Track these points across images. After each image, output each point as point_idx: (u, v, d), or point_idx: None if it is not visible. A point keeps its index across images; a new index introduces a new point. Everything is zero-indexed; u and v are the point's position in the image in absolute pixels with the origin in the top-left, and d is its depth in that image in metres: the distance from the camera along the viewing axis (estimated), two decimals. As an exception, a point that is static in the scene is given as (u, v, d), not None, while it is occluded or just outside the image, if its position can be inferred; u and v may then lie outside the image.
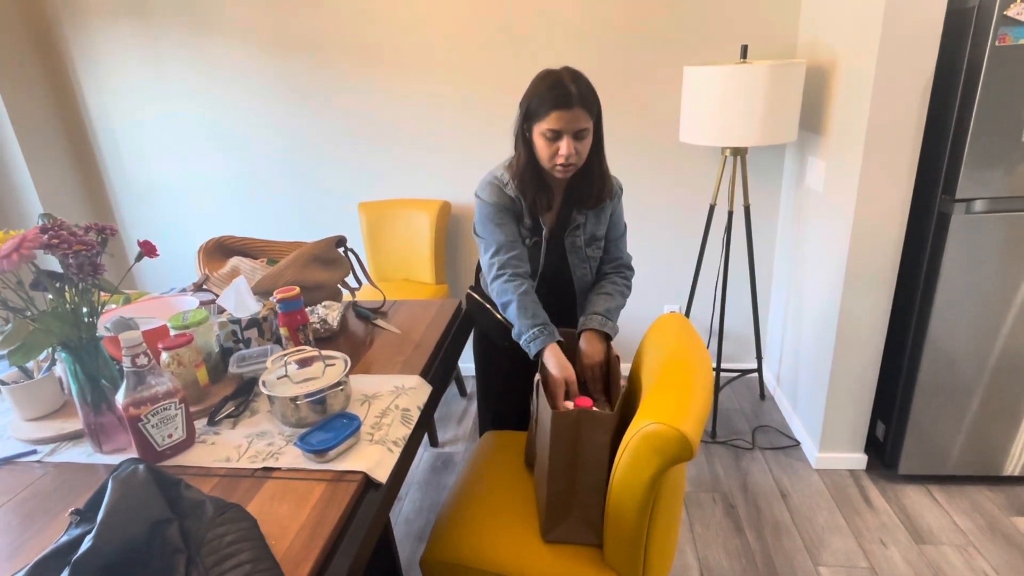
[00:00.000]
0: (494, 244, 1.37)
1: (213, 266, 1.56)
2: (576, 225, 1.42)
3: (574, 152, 1.26)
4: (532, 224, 1.41)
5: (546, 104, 1.24)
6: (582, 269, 1.47)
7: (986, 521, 1.81)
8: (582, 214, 1.41)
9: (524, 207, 1.38)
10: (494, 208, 1.37)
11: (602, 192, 1.39)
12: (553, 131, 1.25)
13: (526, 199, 1.37)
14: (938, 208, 1.72)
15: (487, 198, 1.37)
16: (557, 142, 1.27)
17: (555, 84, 1.25)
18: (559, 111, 1.23)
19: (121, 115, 2.59)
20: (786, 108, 1.88)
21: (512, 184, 1.37)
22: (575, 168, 1.31)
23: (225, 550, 0.76)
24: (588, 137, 1.29)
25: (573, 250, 1.44)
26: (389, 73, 2.39)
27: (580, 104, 1.24)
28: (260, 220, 2.71)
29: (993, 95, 1.54)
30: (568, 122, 1.24)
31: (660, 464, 0.93)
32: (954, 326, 1.77)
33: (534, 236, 1.42)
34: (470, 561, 1.15)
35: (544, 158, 1.31)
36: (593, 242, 1.45)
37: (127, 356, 0.96)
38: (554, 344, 1.30)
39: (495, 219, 1.37)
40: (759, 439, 2.27)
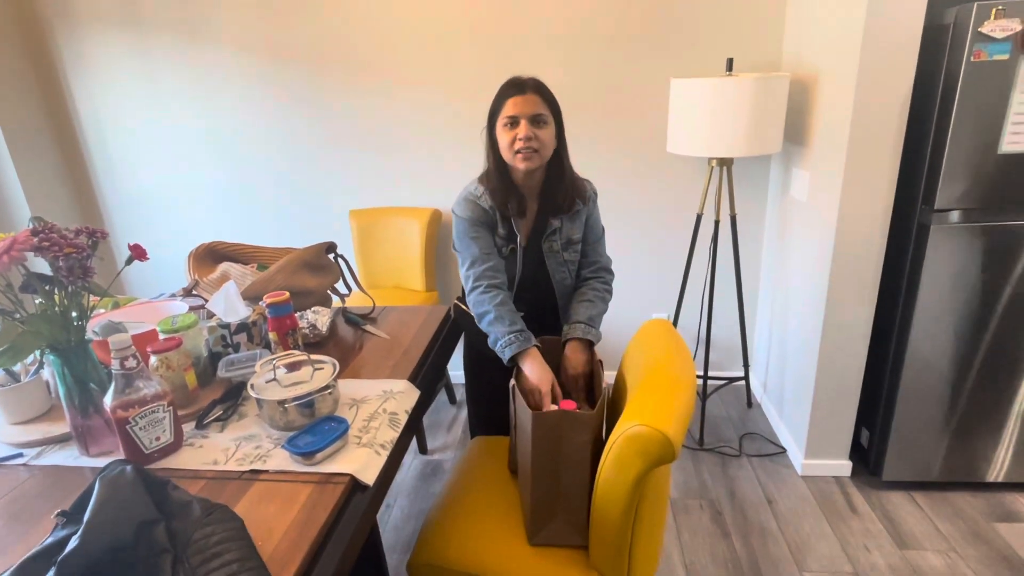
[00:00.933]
0: (469, 257, 1.40)
1: (203, 271, 1.56)
2: (552, 230, 1.44)
3: (533, 136, 1.30)
4: (506, 232, 1.43)
5: (502, 96, 1.33)
6: (561, 273, 1.49)
7: (968, 527, 1.83)
8: (557, 219, 1.44)
9: (498, 216, 1.41)
10: (468, 222, 1.40)
11: (574, 195, 1.43)
12: (510, 117, 1.31)
13: (497, 205, 1.40)
14: (918, 219, 1.76)
15: (461, 213, 1.41)
16: (515, 129, 1.31)
17: (510, 80, 1.34)
18: (513, 97, 1.30)
19: (112, 121, 2.60)
20: (771, 120, 1.92)
21: (485, 194, 1.41)
22: (538, 157, 1.33)
23: (212, 550, 0.77)
24: (548, 126, 1.33)
25: (550, 255, 1.46)
26: (380, 81, 2.42)
27: (533, 91, 1.31)
28: (251, 227, 2.72)
29: (969, 109, 1.58)
30: (523, 106, 1.30)
31: (644, 465, 0.95)
32: (935, 334, 1.81)
33: (510, 244, 1.44)
34: (456, 564, 1.16)
35: (505, 149, 1.34)
36: (569, 246, 1.47)
37: (116, 358, 0.96)
38: (533, 349, 1.31)
39: (469, 233, 1.40)
40: (746, 446, 2.29)
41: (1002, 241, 1.70)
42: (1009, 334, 1.78)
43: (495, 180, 1.39)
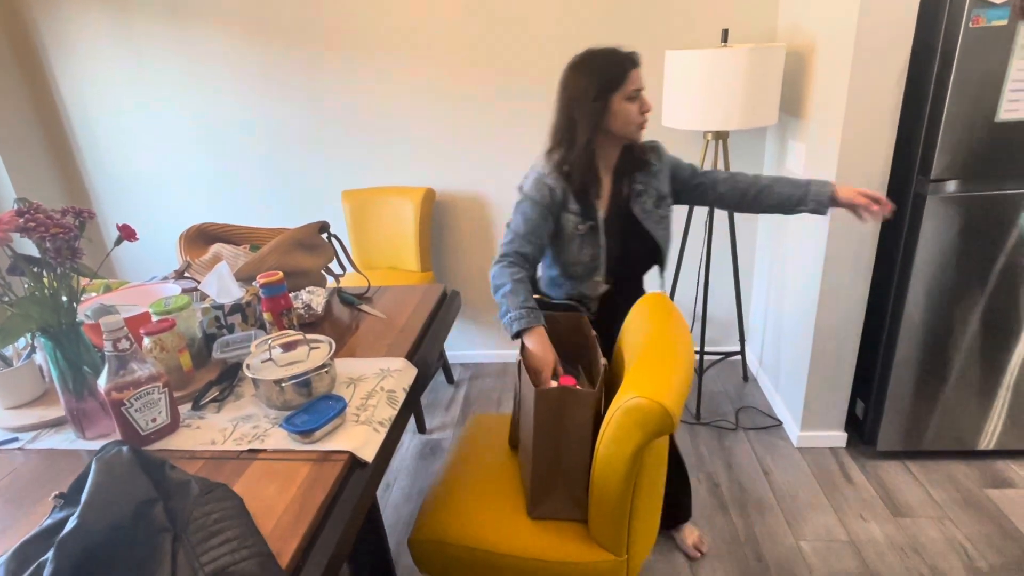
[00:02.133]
0: (512, 233, 1.38)
1: (194, 253, 1.55)
2: (638, 192, 1.43)
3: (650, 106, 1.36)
4: (581, 208, 1.38)
5: (627, 65, 1.32)
6: (661, 230, 1.47)
7: (961, 494, 1.86)
8: (639, 182, 1.43)
9: (570, 194, 1.37)
10: (531, 203, 1.36)
11: (643, 150, 1.44)
12: (636, 90, 1.32)
13: (577, 182, 1.36)
14: (914, 189, 1.75)
15: (531, 193, 1.37)
16: (638, 101, 1.34)
17: (614, 51, 1.33)
18: (636, 70, 1.32)
19: (98, 104, 2.55)
20: (766, 91, 1.89)
21: (555, 173, 1.36)
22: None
23: (211, 527, 0.77)
24: None
25: (645, 216, 1.44)
26: (371, 60, 2.38)
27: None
28: (242, 209, 2.69)
29: (967, 76, 1.56)
30: (640, 78, 1.34)
31: (642, 437, 0.95)
32: (930, 305, 1.81)
33: (587, 220, 1.39)
34: (457, 539, 1.17)
35: (628, 122, 1.34)
36: (661, 201, 1.46)
37: (108, 340, 0.95)
38: (539, 328, 1.29)
39: (528, 213, 1.37)
40: (742, 419, 2.31)
41: (997, 211, 1.69)
42: (1003, 303, 1.79)
43: (584, 159, 1.35)
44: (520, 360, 1.24)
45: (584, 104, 1.32)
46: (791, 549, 1.70)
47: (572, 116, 1.34)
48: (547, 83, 2.34)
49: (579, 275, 1.45)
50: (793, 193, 1.45)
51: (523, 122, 2.42)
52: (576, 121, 1.34)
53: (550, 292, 1.53)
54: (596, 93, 1.31)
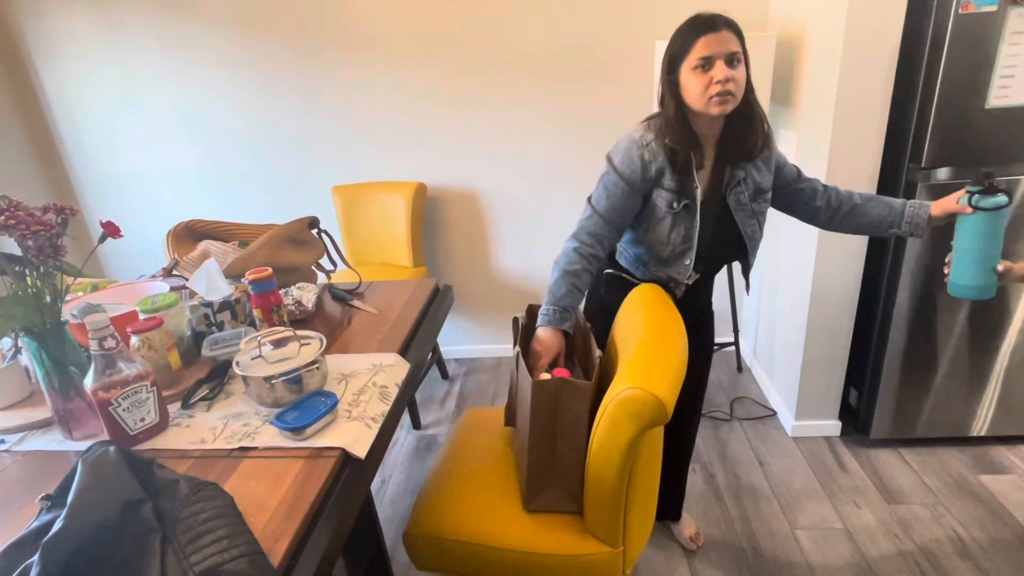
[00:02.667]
0: (590, 209, 1.29)
1: (183, 250, 1.53)
2: (736, 181, 1.28)
3: (730, 77, 1.14)
4: (678, 186, 1.25)
5: (690, 35, 1.17)
6: (751, 227, 1.34)
7: (954, 480, 1.87)
8: (741, 168, 1.28)
9: (668, 168, 1.24)
10: (618, 177, 1.26)
11: (765, 140, 1.27)
12: (703, 58, 1.15)
13: (679, 156, 1.23)
14: (905, 177, 1.75)
15: (618, 164, 1.26)
16: (709, 71, 1.16)
17: (694, 18, 1.19)
18: (706, 36, 1.15)
19: (82, 101, 2.51)
20: (758, 81, 1.87)
21: (654, 144, 1.24)
22: (734, 100, 1.17)
23: (201, 527, 0.76)
24: (742, 66, 1.18)
25: (738, 207, 1.30)
26: (360, 55, 2.35)
27: (727, 26, 1.16)
28: (232, 206, 2.66)
29: (957, 63, 1.56)
30: (717, 45, 1.15)
31: (636, 429, 0.94)
32: (922, 294, 1.82)
33: (683, 199, 1.26)
34: (452, 533, 1.16)
35: (698, 95, 1.18)
36: (759, 195, 1.32)
37: (94, 339, 0.94)
38: (558, 330, 1.25)
39: (608, 187, 1.27)
40: (737, 410, 2.31)
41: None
42: (995, 290, 1.79)
43: (677, 126, 1.22)
44: (518, 352, 1.23)
45: (663, 76, 1.23)
46: (786, 537, 1.71)
47: (660, 87, 1.25)
48: (537, 76, 2.33)
49: (667, 257, 1.32)
50: (886, 216, 1.33)
51: (514, 114, 2.41)
52: (663, 93, 1.25)
53: (636, 271, 1.40)
54: (668, 66, 1.22)
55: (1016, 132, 1.62)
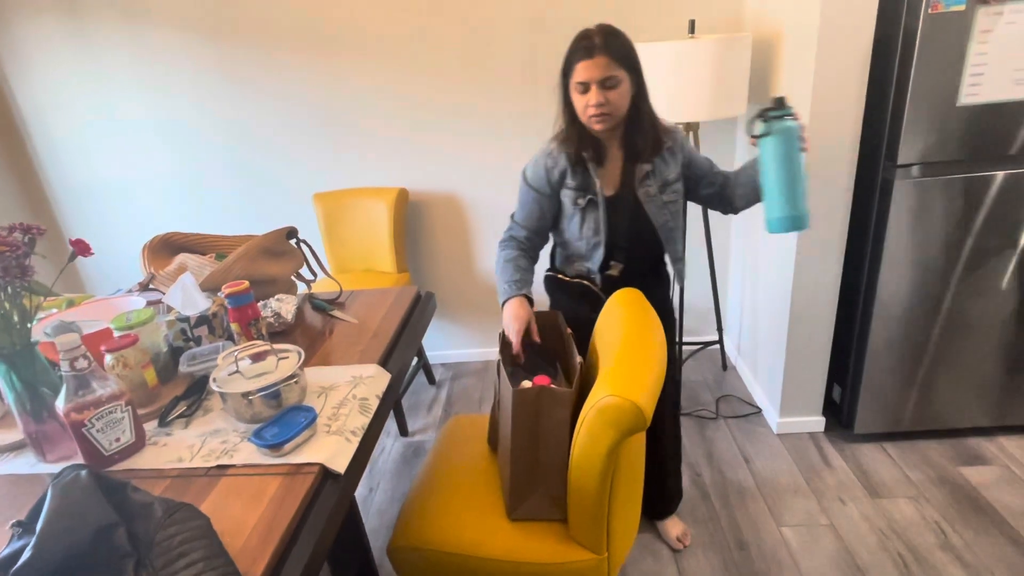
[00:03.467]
0: (511, 220, 1.51)
1: (159, 264, 1.51)
2: (644, 174, 1.40)
3: (603, 101, 1.27)
4: (579, 183, 1.39)
5: (573, 58, 1.29)
6: (662, 217, 1.43)
7: (936, 473, 1.89)
8: (647, 163, 1.40)
9: (569, 169, 1.38)
10: (525, 183, 1.45)
11: (657, 139, 1.38)
12: (580, 83, 1.28)
13: (571, 156, 1.37)
14: (881, 174, 1.77)
15: (527, 175, 1.45)
16: (587, 94, 1.29)
17: (581, 38, 1.29)
18: (583, 62, 1.26)
19: (55, 111, 2.47)
20: (735, 81, 1.90)
21: (556, 150, 1.39)
22: (610, 119, 1.30)
23: (176, 550, 0.75)
24: (620, 86, 1.28)
25: (648, 200, 1.41)
26: (338, 60, 2.34)
27: (603, 52, 1.25)
28: (211, 216, 2.64)
29: (928, 62, 1.58)
30: (592, 71, 1.26)
31: (616, 436, 0.94)
32: (902, 288, 1.84)
33: (586, 195, 1.39)
34: (437, 544, 1.15)
35: (580, 113, 1.33)
36: (667, 188, 1.42)
37: (64, 360, 0.92)
38: (518, 297, 1.37)
39: (520, 195, 1.47)
40: (722, 408, 2.32)
41: (963, 193, 1.72)
42: (972, 284, 1.82)
43: (572, 133, 1.37)
44: (500, 360, 1.23)
45: (560, 84, 1.35)
46: (773, 535, 1.72)
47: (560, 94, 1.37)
48: (516, 80, 2.33)
49: (585, 252, 1.45)
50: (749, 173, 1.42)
51: (494, 118, 2.40)
52: (561, 102, 1.37)
53: (564, 269, 1.53)
54: (561, 74, 1.34)
55: (987, 128, 1.64)
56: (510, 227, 1.50)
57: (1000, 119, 1.63)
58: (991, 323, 1.86)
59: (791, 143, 1.17)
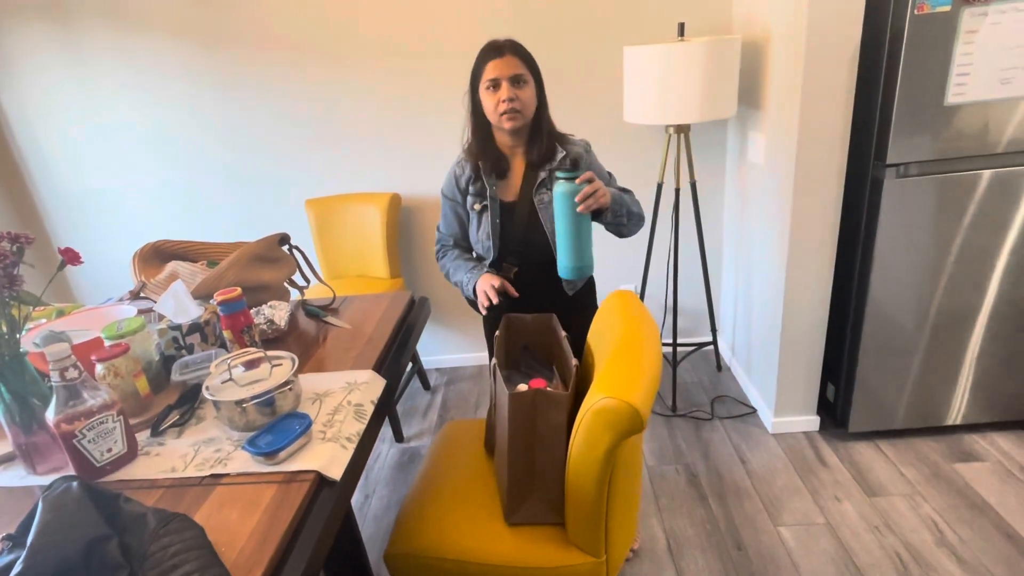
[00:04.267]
0: (438, 230, 1.61)
1: (150, 272, 1.49)
2: (540, 181, 1.46)
3: (514, 96, 1.35)
4: (477, 190, 1.48)
5: (482, 60, 1.38)
6: (552, 225, 1.46)
7: (930, 469, 1.90)
8: (545, 171, 1.46)
9: (472, 176, 1.47)
10: (442, 195, 1.55)
11: (553, 147, 1.46)
12: (491, 80, 1.36)
13: (472, 164, 1.46)
14: (871, 174, 1.78)
15: (443, 186, 1.54)
16: (497, 92, 1.36)
17: (489, 43, 1.39)
18: (492, 61, 1.36)
19: (44, 119, 2.45)
20: (724, 84, 1.91)
21: (464, 159, 1.49)
22: (521, 116, 1.38)
23: (169, 561, 0.74)
24: (528, 86, 1.38)
25: (542, 207, 1.46)
26: (330, 66, 2.33)
27: (511, 52, 1.36)
28: (202, 223, 2.62)
29: (915, 63, 1.60)
30: (502, 68, 1.35)
31: (613, 438, 0.94)
32: (893, 287, 1.85)
33: (482, 200, 1.47)
34: (434, 551, 1.15)
35: (491, 111, 1.39)
36: None
37: (54, 370, 0.91)
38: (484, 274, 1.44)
39: (442, 208, 1.57)
40: (718, 409, 2.33)
41: (952, 192, 1.73)
42: (962, 281, 1.83)
43: (476, 143, 1.46)
44: (495, 364, 1.23)
45: (468, 94, 1.44)
46: (770, 535, 1.72)
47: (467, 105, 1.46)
48: (508, 83, 2.33)
49: (484, 253, 1.53)
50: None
51: (486, 123, 2.40)
52: (468, 113, 1.46)
53: None
54: (470, 82, 1.43)
55: (974, 127, 1.66)
56: (439, 238, 1.61)
57: (987, 118, 1.65)
58: (982, 320, 1.88)
59: (566, 203, 1.27)
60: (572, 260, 1.33)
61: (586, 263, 1.35)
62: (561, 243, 1.34)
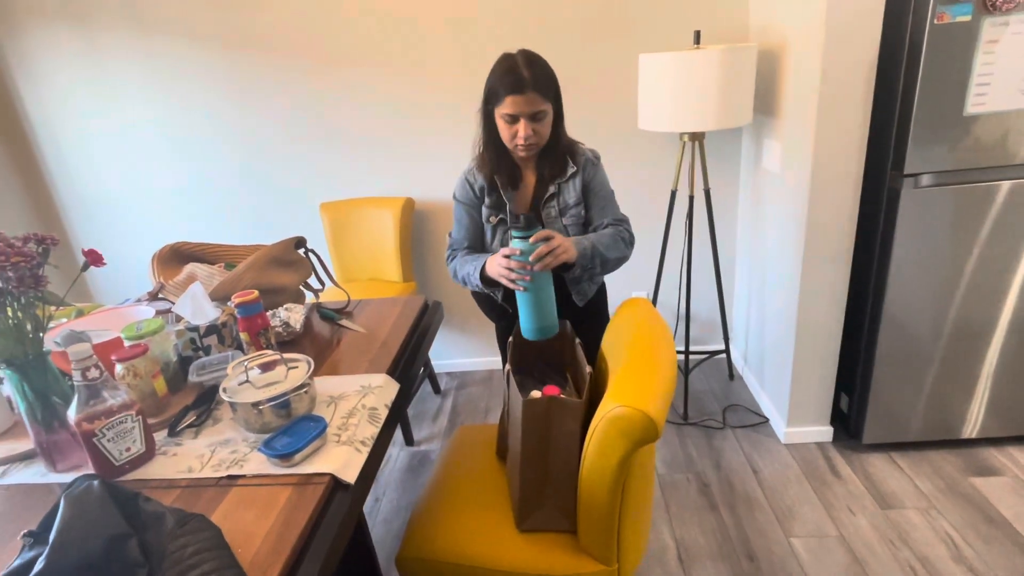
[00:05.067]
0: (453, 232, 1.56)
1: (168, 274, 1.51)
2: (549, 195, 1.45)
3: (531, 134, 1.33)
4: (493, 202, 1.46)
5: (502, 89, 1.31)
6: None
7: (946, 483, 1.88)
8: (554, 185, 1.45)
9: (486, 188, 1.45)
10: (456, 202, 1.52)
11: (562, 165, 1.44)
12: (510, 115, 1.32)
13: (486, 177, 1.44)
14: (888, 184, 1.77)
15: (456, 193, 1.51)
16: (515, 125, 1.33)
17: (509, 69, 1.31)
18: (514, 96, 1.29)
19: (65, 121, 2.50)
20: (740, 91, 1.91)
21: (476, 170, 1.46)
22: (536, 147, 1.38)
23: (188, 561, 0.74)
24: (547, 118, 1.35)
25: (549, 222, 1.46)
26: (345, 71, 2.36)
27: (534, 88, 1.29)
28: (218, 225, 2.65)
29: (934, 72, 1.59)
30: (523, 106, 1.30)
31: (627, 447, 0.94)
32: (909, 298, 1.83)
33: (498, 214, 1.47)
34: (445, 555, 1.15)
35: (506, 139, 1.38)
36: (567, 211, 1.46)
37: (76, 370, 0.92)
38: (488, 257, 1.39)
39: (456, 213, 1.53)
40: (729, 418, 2.31)
41: (971, 203, 1.72)
42: (979, 293, 1.81)
43: (489, 153, 1.43)
44: (508, 370, 1.23)
45: (481, 107, 1.39)
46: (782, 546, 1.70)
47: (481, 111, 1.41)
48: (523, 89, 2.34)
49: None
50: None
51: (500, 129, 2.41)
52: (480, 126, 1.42)
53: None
54: (484, 100, 1.37)
55: (993, 138, 1.64)
56: (451, 244, 1.56)
57: (1006, 128, 1.63)
58: (999, 332, 1.86)
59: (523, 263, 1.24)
60: (532, 321, 1.27)
61: (548, 323, 1.28)
62: (520, 303, 1.28)
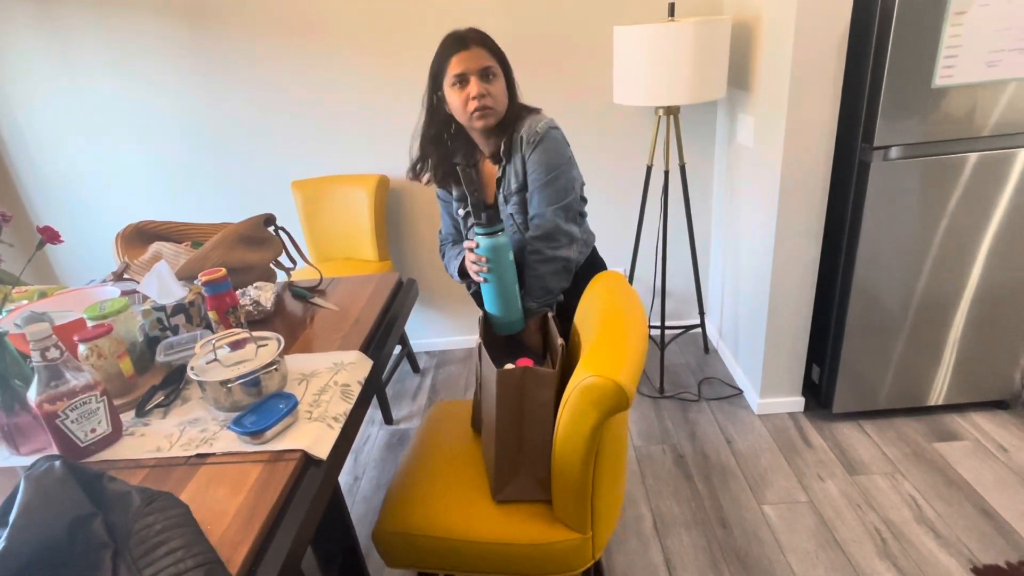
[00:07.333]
0: (440, 233, 1.57)
1: (133, 253, 1.48)
2: (499, 178, 1.38)
3: (485, 92, 1.24)
4: (460, 193, 1.42)
5: (445, 54, 1.26)
6: (510, 230, 1.39)
7: (911, 449, 1.94)
8: (509, 166, 1.35)
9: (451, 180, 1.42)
10: (439, 200, 1.51)
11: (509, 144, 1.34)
12: (458, 75, 1.24)
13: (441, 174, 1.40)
14: (858, 157, 1.79)
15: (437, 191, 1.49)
16: (466, 88, 1.25)
17: (449, 35, 1.28)
18: (457, 54, 1.24)
19: (21, 98, 2.40)
20: (714, 65, 1.90)
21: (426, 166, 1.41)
22: (494, 114, 1.28)
23: (155, 539, 0.74)
24: (499, 79, 1.28)
25: (503, 205, 1.40)
26: (316, 44, 2.29)
27: (477, 43, 1.25)
28: (186, 204, 2.59)
29: (904, 45, 1.59)
30: (469, 61, 1.23)
31: (599, 416, 0.95)
32: (878, 269, 1.87)
33: (466, 206, 1.41)
34: (421, 529, 1.16)
35: (460, 111, 1.28)
36: (511, 197, 1.37)
37: (35, 350, 0.90)
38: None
39: (441, 210, 1.53)
40: (704, 390, 2.35)
41: (938, 175, 1.75)
42: (946, 264, 1.85)
43: (426, 140, 1.37)
44: (480, 343, 1.23)
45: (427, 96, 1.33)
46: (754, 513, 1.75)
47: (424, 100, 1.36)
48: (497, 63, 2.30)
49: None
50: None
51: (475, 104, 2.38)
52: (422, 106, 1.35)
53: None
54: (431, 84, 1.31)
55: (960, 110, 1.67)
56: (441, 239, 1.56)
57: (974, 100, 1.65)
58: (964, 302, 1.90)
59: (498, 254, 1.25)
60: (495, 314, 1.29)
61: (511, 319, 1.30)
62: (484, 295, 1.27)
